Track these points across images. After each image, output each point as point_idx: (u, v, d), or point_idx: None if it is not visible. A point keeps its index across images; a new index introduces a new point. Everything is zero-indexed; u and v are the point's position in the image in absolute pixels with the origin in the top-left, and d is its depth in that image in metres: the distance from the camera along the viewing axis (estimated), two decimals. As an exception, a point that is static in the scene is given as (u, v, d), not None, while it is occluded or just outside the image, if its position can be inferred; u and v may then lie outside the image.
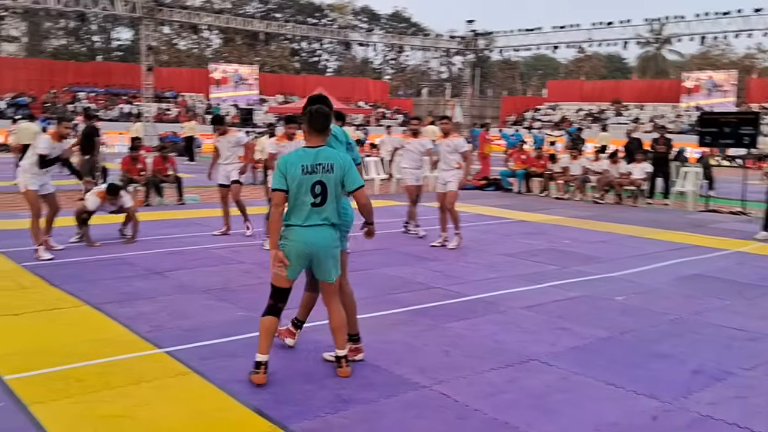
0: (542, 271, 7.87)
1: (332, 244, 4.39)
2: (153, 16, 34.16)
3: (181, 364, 4.61)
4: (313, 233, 4.30)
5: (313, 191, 4.25)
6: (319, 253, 4.34)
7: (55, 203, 8.44)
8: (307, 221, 4.29)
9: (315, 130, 4.35)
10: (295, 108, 30.49)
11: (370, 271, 7.71)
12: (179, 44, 58.95)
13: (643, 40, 39.85)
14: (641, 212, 13.89)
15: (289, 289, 4.45)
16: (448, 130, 9.54)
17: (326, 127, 4.39)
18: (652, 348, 5.23)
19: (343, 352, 4.50)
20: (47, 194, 8.23)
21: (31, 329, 5.35)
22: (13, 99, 34.77)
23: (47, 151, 7.96)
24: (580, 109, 45.92)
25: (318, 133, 4.36)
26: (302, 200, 4.26)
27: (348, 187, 4.34)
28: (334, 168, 4.27)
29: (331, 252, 4.40)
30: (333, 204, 4.32)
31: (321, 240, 4.32)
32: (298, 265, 4.39)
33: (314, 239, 4.30)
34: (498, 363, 4.78)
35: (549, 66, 75.82)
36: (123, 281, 6.94)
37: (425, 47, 46.11)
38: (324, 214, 4.30)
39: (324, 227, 4.33)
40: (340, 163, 4.31)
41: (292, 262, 4.32)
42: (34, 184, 8.01)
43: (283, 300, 4.44)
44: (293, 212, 4.32)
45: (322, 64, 69.33)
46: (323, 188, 4.26)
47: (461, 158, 9.34)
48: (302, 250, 4.31)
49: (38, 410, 3.83)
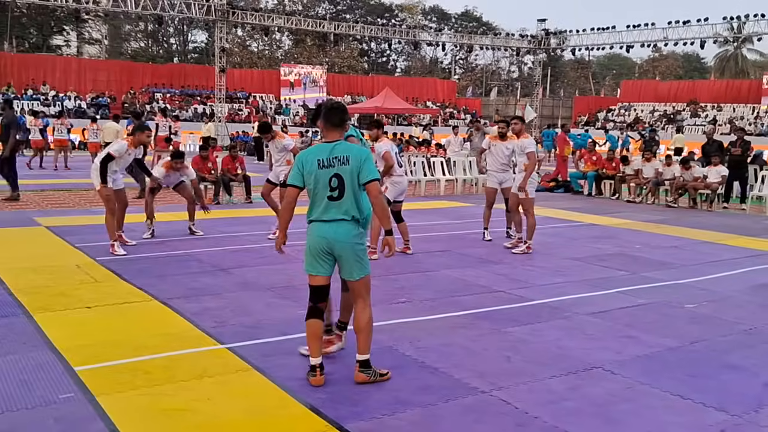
0: (610, 277, 7.67)
1: (352, 240, 4.27)
2: (227, 18, 35.01)
3: (242, 361, 4.69)
4: (330, 228, 4.26)
5: (330, 184, 4.24)
6: (337, 248, 4.27)
7: (125, 198, 8.80)
8: (324, 215, 4.28)
9: (331, 124, 4.37)
10: (362, 108, 30.82)
11: (431, 272, 7.68)
12: (251, 46, 60.22)
13: (722, 39, 38.32)
14: (716, 217, 13.37)
15: (326, 286, 4.40)
16: (519, 131, 9.36)
17: (343, 121, 4.39)
18: (723, 359, 5.01)
19: (362, 356, 4.35)
20: (118, 189, 8.55)
21: (103, 322, 5.54)
22: (94, 99, 36.22)
23: (117, 155, 8.30)
24: (655, 109, 44.60)
25: (334, 128, 4.37)
26: (321, 195, 4.27)
27: (362, 178, 4.23)
28: (350, 160, 4.22)
29: (351, 248, 4.27)
30: (351, 197, 4.24)
31: (339, 235, 4.25)
32: (320, 260, 4.32)
33: (332, 234, 4.25)
34: (560, 370, 4.67)
35: (623, 65, 73.98)
36: (190, 277, 7.12)
37: (495, 46, 45.68)
38: (343, 208, 4.24)
39: (343, 222, 4.25)
40: (357, 155, 4.26)
41: (312, 257, 4.32)
42: (107, 180, 8.31)
43: (321, 299, 4.40)
44: (313, 207, 4.33)
45: (390, 65, 69.61)
46: (340, 181, 4.22)
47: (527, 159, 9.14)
48: (321, 244, 4.29)
49: (105, 401, 3.95)
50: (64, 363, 4.56)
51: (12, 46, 47.95)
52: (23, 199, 12.99)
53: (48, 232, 9.48)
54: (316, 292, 4.39)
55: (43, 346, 4.89)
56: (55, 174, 18.74)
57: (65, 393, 4.07)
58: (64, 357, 4.66)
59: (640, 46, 40.66)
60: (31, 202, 12.74)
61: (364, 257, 4.35)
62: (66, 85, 37.16)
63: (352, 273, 4.33)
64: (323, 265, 4.34)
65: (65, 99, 35.27)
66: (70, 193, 14.16)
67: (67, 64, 40.51)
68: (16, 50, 47.05)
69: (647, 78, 59.60)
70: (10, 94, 34.24)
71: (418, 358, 4.82)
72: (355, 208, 4.26)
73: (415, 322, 5.73)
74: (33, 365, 4.52)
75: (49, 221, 10.29)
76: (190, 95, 40.08)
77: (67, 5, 31.84)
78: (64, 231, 9.46)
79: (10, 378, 4.28)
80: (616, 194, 16.34)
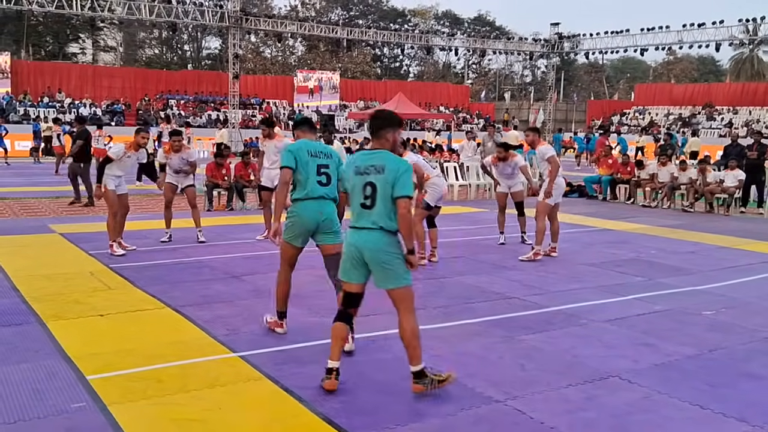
0: (626, 283, 7.57)
1: (381, 248, 4.19)
2: (240, 25, 35.11)
3: (254, 369, 4.66)
4: (360, 235, 4.24)
5: (364, 192, 4.22)
6: (366, 255, 4.22)
7: (127, 204, 8.92)
8: (357, 222, 4.26)
9: (371, 133, 4.41)
10: (375, 113, 30.83)
11: (445, 279, 7.62)
12: (265, 52, 60.47)
13: (737, 41, 37.99)
14: (734, 222, 13.21)
15: (359, 294, 4.39)
16: (532, 142, 9.19)
17: (379, 128, 4.35)
18: (743, 367, 4.92)
19: (414, 368, 4.26)
20: (121, 194, 8.69)
21: (115, 330, 5.54)
22: (109, 106, 36.47)
23: (115, 157, 8.48)
24: (670, 113, 44.29)
25: (372, 136, 4.40)
26: (355, 201, 4.26)
27: (394, 192, 4.16)
28: (385, 170, 4.19)
29: (380, 257, 4.20)
30: (382, 208, 4.18)
31: (368, 243, 4.20)
32: (354, 268, 4.30)
33: (362, 242, 4.22)
34: (576, 379, 4.60)
35: (637, 69, 73.62)
36: (202, 284, 7.11)
37: (508, 51, 45.54)
38: (372, 218, 4.20)
39: (373, 231, 4.20)
40: (394, 166, 4.20)
41: (345, 263, 4.34)
42: (111, 183, 8.51)
43: (353, 305, 4.41)
44: (352, 214, 4.33)
45: (403, 70, 69.67)
46: (373, 190, 4.20)
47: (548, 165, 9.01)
48: (352, 252, 4.27)
49: (116, 411, 3.93)
50: (76, 371, 4.55)
51: (28, 54, 48.48)
52: (39, 206, 13.07)
53: (62, 239, 9.52)
54: (348, 298, 4.40)
55: (55, 354, 4.89)
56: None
57: (77, 402, 4.06)
58: (76, 365, 4.66)
59: (654, 49, 40.36)
60: (46, 209, 12.80)
61: (396, 267, 4.22)
62: (81, 92, 37.44)
63: (384, 282, 4.27)
64: (356, 272, 4.32)
65: (80, 106, 35.53)
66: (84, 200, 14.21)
67: (82, 71, 40.83)
68: (33, 58, 47.54)
69: (662, 81, 59.27)
70: (27, 101, 34.57)
71: (431, 367, 4.74)
72: (385, 219, 4.18)
73: (429, 330, 5.66)
74: (45, 374, 4.51)
75: (63, 228, 10.34)
76: (204, 102, 40.26)
77: (83, 13, 32.07)
78: (78, 238, 9.50)
79: (23, 387, 4.28)
80: (631, 199, 16.19)
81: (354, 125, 39.98)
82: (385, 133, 4.34)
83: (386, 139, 4.34)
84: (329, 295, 6.64)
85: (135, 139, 8.75)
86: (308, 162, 5.16)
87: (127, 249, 8.71)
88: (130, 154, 8.62)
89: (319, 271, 7.81)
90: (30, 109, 33.74)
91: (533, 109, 48.97)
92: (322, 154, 5.26)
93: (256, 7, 54.06)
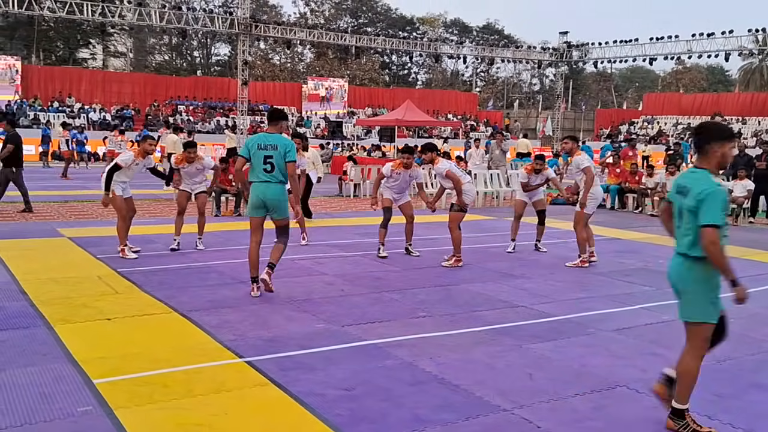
0: (634, 292, 7.54)
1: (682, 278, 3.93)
2: (249, 32, 35.28)
3: (260, 375, 4.65)
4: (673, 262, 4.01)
5: (680, 219, 3.93)
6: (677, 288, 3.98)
7: (133, 207, 9.06)
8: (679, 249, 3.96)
9: (696, 148, 3.99)
10: (384, 121, 30.82)
11: (452, 287, 7.60)
12: (274, 59, 60.68)
13: (747, 51, 37.87)
14: (742, 232, 13.14)
15: None
16: (570, 149, 9.22)
17: (704, 143, 3.89)
18: (751, 378, 4.89)
19: (675, 404, 3.90)
20: (127, 198, 8.83)
21: (122, 334, 5.54)
22: (118, 111, 36.65)
23: (124, 165, 8.62)
24: (678, 122, 44.18)
25: (697, 151, 3.98)
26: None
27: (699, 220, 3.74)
28: (689, 194, 3.81)
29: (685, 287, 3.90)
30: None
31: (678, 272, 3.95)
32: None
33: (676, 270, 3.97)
34: (584, 388, 4.57)
35: (646, 78, 73.49)
36: (210, 289, 7.11)
37: (516, 59, 45.57)
38: (684, 241, 3.90)
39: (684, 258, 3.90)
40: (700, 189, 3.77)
41: None
42: (118, 189, 8.65)
43: None
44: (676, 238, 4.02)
45: (412, 77, 69.77)
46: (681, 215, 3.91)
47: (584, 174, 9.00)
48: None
49: (123, 415, 3.93)
50: (83, 375, 4.55)
51: (39, 59, 48.78)
52: (47, 210, 13.12)
53: (71, 243, 9.55)
54: None
55: (62, 358, 4.89)
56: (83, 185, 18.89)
57: (84, 406, 4.06)
58: (83, 369, 4.66)
59: (663, 59, 40.33)
60: (55, 213, 12.85)
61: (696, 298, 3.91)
62: (91, 97, 37.67)
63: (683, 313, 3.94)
64: None
65: (90, 111, 35.71)
66: (93, 204, 14.26)
67: (92, 76, 41.07)
68: (43, 63, 47.83)
69: (670, 91, 59.11)
70: (36, 106, 34.77)
71: (438, 375, 4.75)
72: (688, 245, 3.86)
73: (436, 338, 5.66)
74: (52, 377, 4.51)
75: (72, 232, 10.37)
76: (213, 108, 40.41)
77: (93, 19, 32.30)
78: (87, 242, 9.52)
79: (30, 390, 4.28)
80: (639, 208, 16.14)
81: (362, 132, 40.02)
82: (710, 148, 3.86)
83: (712, 154, 3.86)
84: (337, 302, 6.71)
85: (142, 146, 8.82)
86: (256, 153, 6.72)
87: (133, 250, 8.83)
88: (138, 161, 8.69)
89: (328, 278, 7.86)
90: (40, 114, 33.93)
91: (541, 117, 48.95)
92: (270, 146, 6.69)
93: (266, 14, 54.34)
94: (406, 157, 9.27)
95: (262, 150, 6.71)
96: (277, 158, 6.69)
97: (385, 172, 9.43)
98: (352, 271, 8.30)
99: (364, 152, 27.01)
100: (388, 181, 9.43)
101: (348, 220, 11.35)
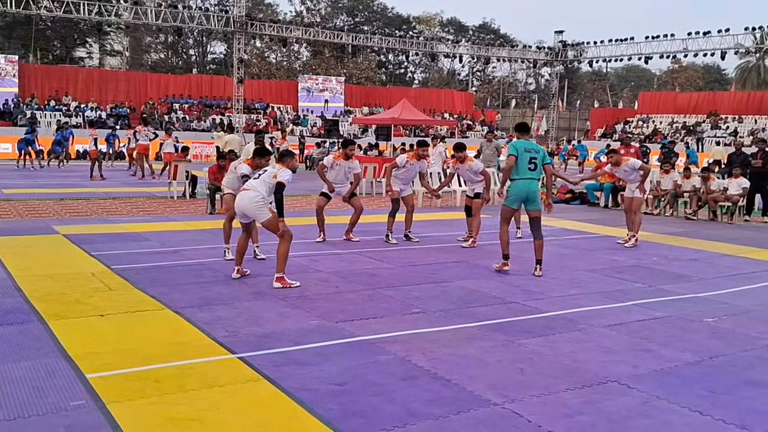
0: (626, 289, 7.57)
1: None
2: (245, 30, 35.29)
3: (253, 371, 4.66)
4: None
5: None
6: None
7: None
8: None
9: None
10: (380, 119, 30.79)
11: (445, 283, 7.62)
12: (270, 57, 60.64)
13: (743, 49, 37.97)
14: (737, 230, 13.19)
15: None
16: (617, 161, 10.87)
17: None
18: (744, 374, 4.91)
19: None
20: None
21: (115, 330, 5.55)
22: (113, 109, 36.59)
23: (287, 183, 7.32)
24: (674, 121, 44.26)
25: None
26: None
27: None
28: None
29: None
30: None
31: None
32: None
33: None
34: (575, 383, 4.60)
35: (641, 77, 73.63)
36: (203, 286, 7.12)
37: (512, 58, 45.63)
38: None
39: None
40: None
41: None
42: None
43: None
44: None
45: (408, 76, 69.77)
46: None
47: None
48: None
49: (115, 409, 3.94)
50: (76, 370, 4.56)
51: (36, 57, 48.68)
52: (43, 207, 13.11)
53: (65, 240, 9.55)
54: None
55: (56, 353, 4.90)
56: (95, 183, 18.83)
57: (76, 400, 4.07)
58: (76, 364, 4.67)
59: (659, 58, 40.47)
60: (51, 210, 12.85)
61: None
62: (88, 95, 37.59)
63: None
64: None
65: (86, 109, 35.65)
66: (88, 202, 14.27)
67: (88, 75, 40.93)
68: (40, 62, 47.74)
69: (666, 89, 59.19)
70: (34, 104, 34.71)
71: (430, 369, 4.77)
72: None
73: (429, 333, 5.68)
74: (45, 372, 4.52)
75: (66, 229, 10.37)
76: (209, 106, 40.37)
77: (90, 18, 32.29)
78: (81, 239, 9.52)
79: (23, 384, 4.29)
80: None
81: (358, 130, 40.03)
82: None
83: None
84: (331, 299, 6.73)
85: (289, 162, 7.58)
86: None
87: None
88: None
89: (322, 275, 7.87)
90: (37, 113, 33.87)
91: (536, 117, 49.00)
92: None
93: (262, 12, 54.32)
94: (423, 150, 10.52)
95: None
96: None
97: (399, 162, 10.41)
98: (347, 269, 8.32)
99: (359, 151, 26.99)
100: (399, 171, 10.37)
101: (343, 218, 11.37)
